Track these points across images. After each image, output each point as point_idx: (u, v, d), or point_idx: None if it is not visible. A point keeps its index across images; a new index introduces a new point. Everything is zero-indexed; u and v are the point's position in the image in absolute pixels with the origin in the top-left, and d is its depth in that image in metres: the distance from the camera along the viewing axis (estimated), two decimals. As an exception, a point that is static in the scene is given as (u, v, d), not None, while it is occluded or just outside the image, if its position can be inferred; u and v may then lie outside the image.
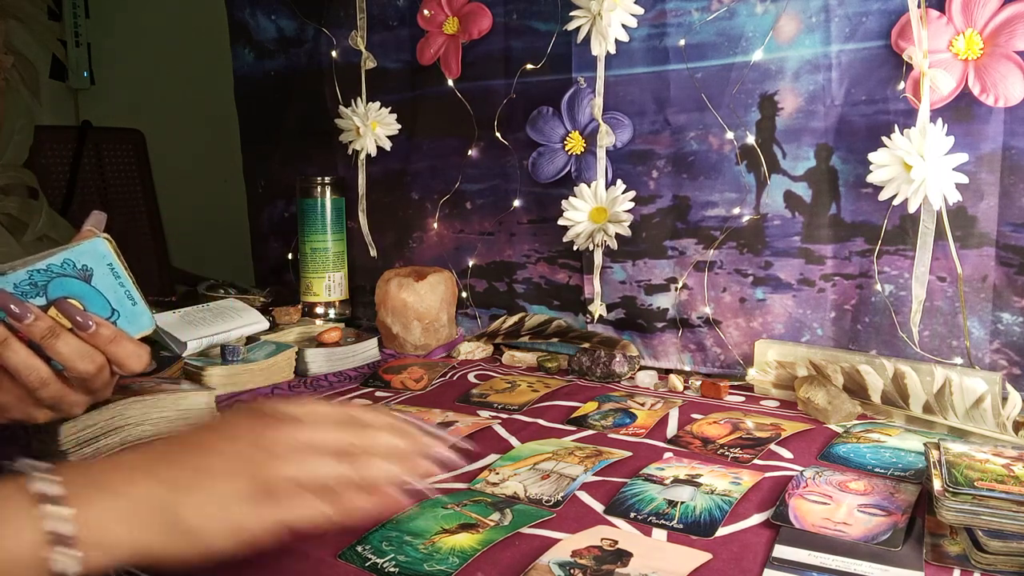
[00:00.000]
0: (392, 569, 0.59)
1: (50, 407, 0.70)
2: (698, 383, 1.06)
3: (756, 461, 0.79)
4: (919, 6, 0.89)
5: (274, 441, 0.53)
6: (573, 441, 0.87)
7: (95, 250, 0.69)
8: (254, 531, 0.51)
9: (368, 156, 1.37)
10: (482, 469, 0.78)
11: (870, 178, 0.93)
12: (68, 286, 0.69)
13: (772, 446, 0.83)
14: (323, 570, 0.61)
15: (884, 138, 0.91)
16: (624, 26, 1.08)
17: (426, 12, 1.27)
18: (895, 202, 0.92)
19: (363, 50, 1.34)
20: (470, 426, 0.90)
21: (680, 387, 1.06)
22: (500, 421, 0.93)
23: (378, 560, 0.60)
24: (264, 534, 0.51)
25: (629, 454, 0.82)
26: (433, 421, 0.91)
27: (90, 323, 0.67)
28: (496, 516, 0.67)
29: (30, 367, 0.66)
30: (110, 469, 0.52)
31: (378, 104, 1.33)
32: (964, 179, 0.89)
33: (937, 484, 0.62)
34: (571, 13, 1.11)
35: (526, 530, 0.65)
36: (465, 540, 0.63)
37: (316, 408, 0.58)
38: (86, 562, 0.46)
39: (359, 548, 0.62)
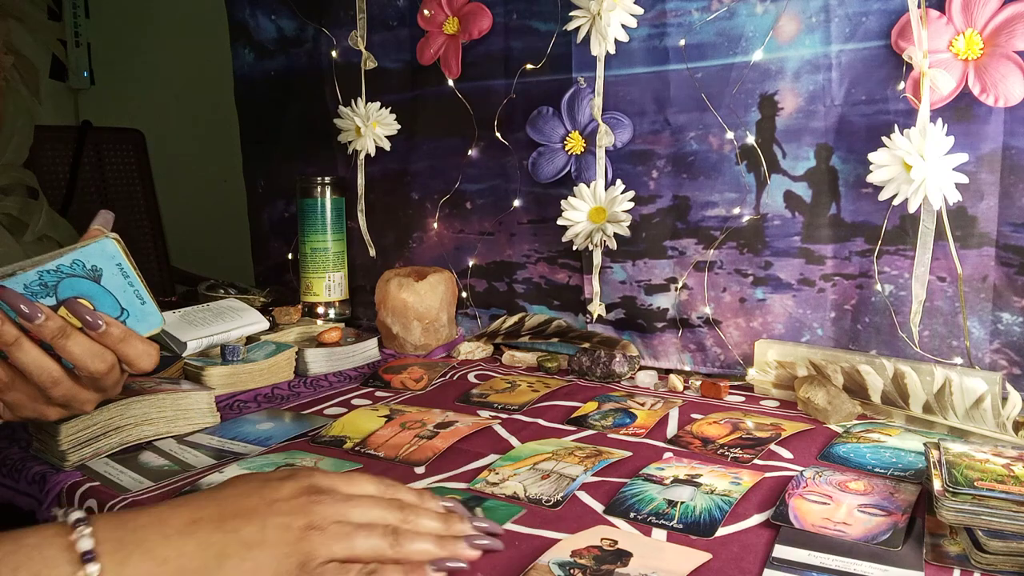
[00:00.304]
0: None
1: (62, 405, 0.71)
2: (698, 383, 1.06)
3: (756, 461, 0.80)
4: (919, 6, 0.89)
5: (323, 517, 0.53)
6: (573, 441, 0.87)
7: (104, 250, 0.69)
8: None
9: (368, 156, 1.37)
10: (481, 469, 0.78)
11: (870, 178, 0.93)
12: (78, 286, 0.69)
13: (772, 446, 0.83)
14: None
15: (884, 138, 0.91)
16: (624, 26, 1.08)
17: (426, 12, 1.27)
18: (895, 202, 0.92)
19: (363, 50, 1.34)
20: (470, 426, 0.90)
21: (680, 387, 1.06)
22: (500, 421, 0.93)
23: None
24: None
25: (629, 454, 0.82)
26: (432, 421, 0.91)
27: (100, 323, 0.68)
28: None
29: (42, 367, 0.66)
30: (152, 527, 0.50)
31: (378, 104, 1.33)
32: (964, 179, 0.89)
33: (937, 484, 0.62)
34: (571, 13, 1.11)
35: (525, 530, 0.65)
36: None
37: (364, 485, 0.58)
38: None
39: None
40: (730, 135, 1.05)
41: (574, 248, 1.17)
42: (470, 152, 1.28)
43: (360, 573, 0.52)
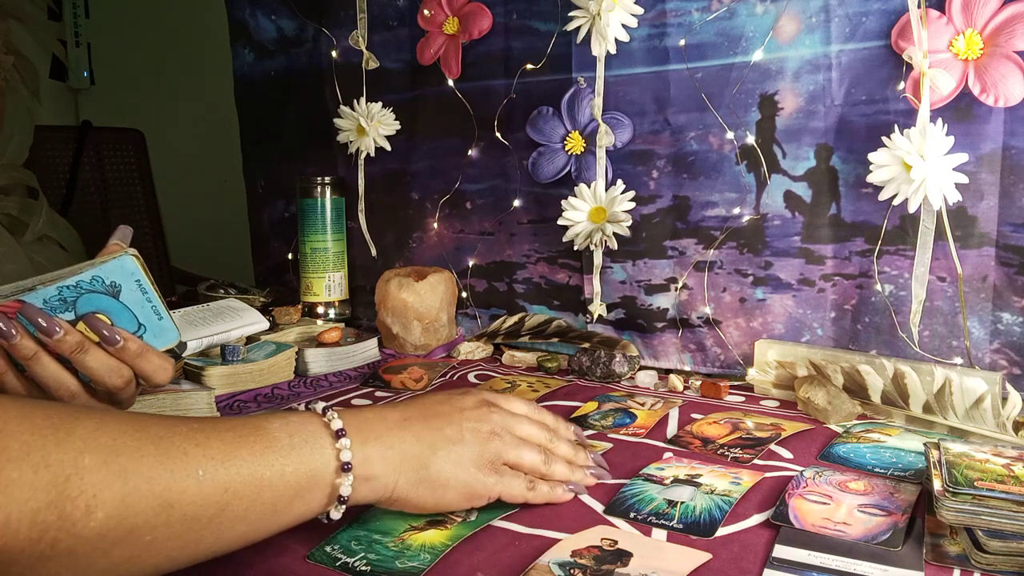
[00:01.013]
0: (364, 568, 0.59)
1: None
2: (698, 383, 1.06)
3: (756, 461, 0.79)
4: (919, 6, 0.89)
5: (501, 426, 0.66)
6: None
7: (123, 267, 0.70)
8: (480, 493, 0.64)
9: (368, 156, 1.38)
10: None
11: (870, 178, 0.93)
12: (96, 302, 0.70)
13: (772, 446, 0.83)
14: (292, 571, 0.61)
15: (884, 138, 0.91)
16: (624, 26, 1.08)
17: (426, 12, 1.27)
18: (895, 202, 0.92)
19: (364, 50, 1.34)
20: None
21: (680, 387, 1.06)
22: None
23: (348, 559, 0.61)
24: (483, 499, 0.64)
25: (610, 446, 0.83)
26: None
27: (117, 338, 0.68)
28: (462, 512, 0.67)
29: (60, 381, 0.67)
30: (376, 420, 0.61)
31: (378, 104, 1.33)
32: (964, 179, 0.89)
33: (937, 484, 0.62)
34: (571, 13, 1.11)
35: (525, 530, 0.65)
36: (435, 536, 0.63)
37: (518, 405, 0.71)
38: (356, 491, 0.58)
39: (328, 548, 0.62)
40: (730, 135, 1.05)
41: (574, 248, 1.17)
42: (470, 152, 1.28)
43: (526, 480, 0.66)
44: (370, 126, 1.34)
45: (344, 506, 0.58)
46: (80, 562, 0.44)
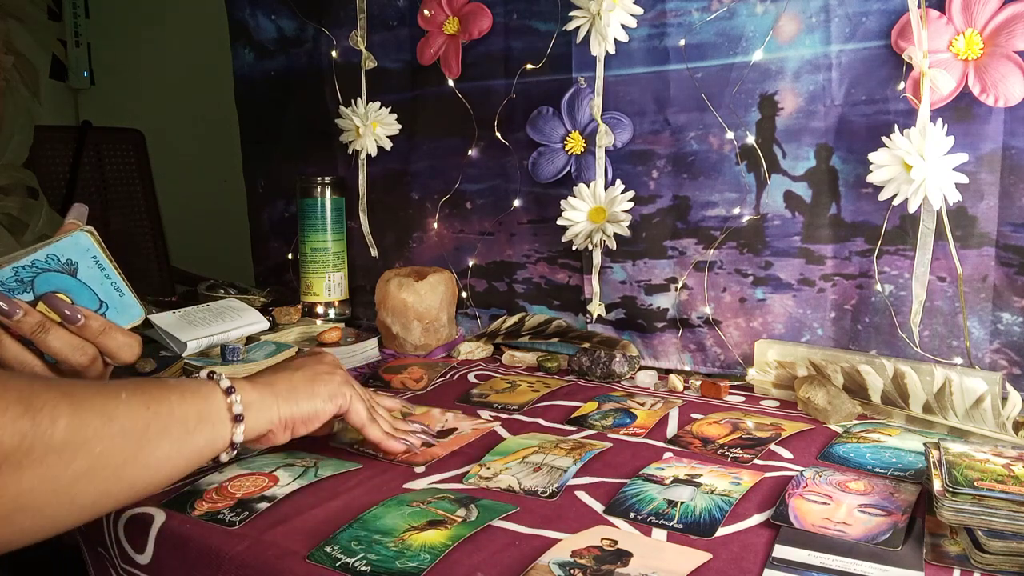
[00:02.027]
0: (364, 568, 0.59)
1: None
2: (698, 383, 1.06)
3: (756, 461, 0.80)
4: (919, 6, 0.89)
5: (346, 381, 0.79)
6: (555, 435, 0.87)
7: (77, 244, 0.70)
8: (341, 393, 0.77)
9: (368, 156, 1.37)
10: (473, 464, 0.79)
11: (870, 178, 0.93)
12: (54, 281, 0.70)
13: (772, 446, 0.83)
14: (292, 571, 0.61)
15: (884, 138, 0.91)
16: (624, 26, 1.08)
17: (426, 12, 1.27)
18: (895, 202, 0.92)
19: (363, 50, 1.34)
20: (471, 433, 0.90)
21: (680, 387, 1.06)
22: (500, 421, 0.93)
23: (348, 560, 0.61)
24: (343, 398, 0.77)
25: (609, 445, 0.84)
26: (434, 425, 0.92)
27: (79, 316, 0.69)
28: (462, 512, 0.68)
29: (23, 362, 0.67)
30: (248, 378, 0.73)
31: (378, 104, 1.33)
32: (964, 179, 0.89)
33: (937, 484, 0.62)
34: (571, 13, 1.11)
35: (525, 530, 0.65)
36: (435, 536, 0.63)
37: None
38: (248, 413, 0.68)
39: (328, 548, 0.63)
40: (730, 135, 1.05)
41: (574, 248, 1.17)
42: (470, 152, 1.28)
43: (369, 415, 0.80)
44: (370, 126, 1.33)
45: (241, 425, 0.66)
46: (48, 473, 0.52)
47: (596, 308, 1.18)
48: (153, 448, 0.59)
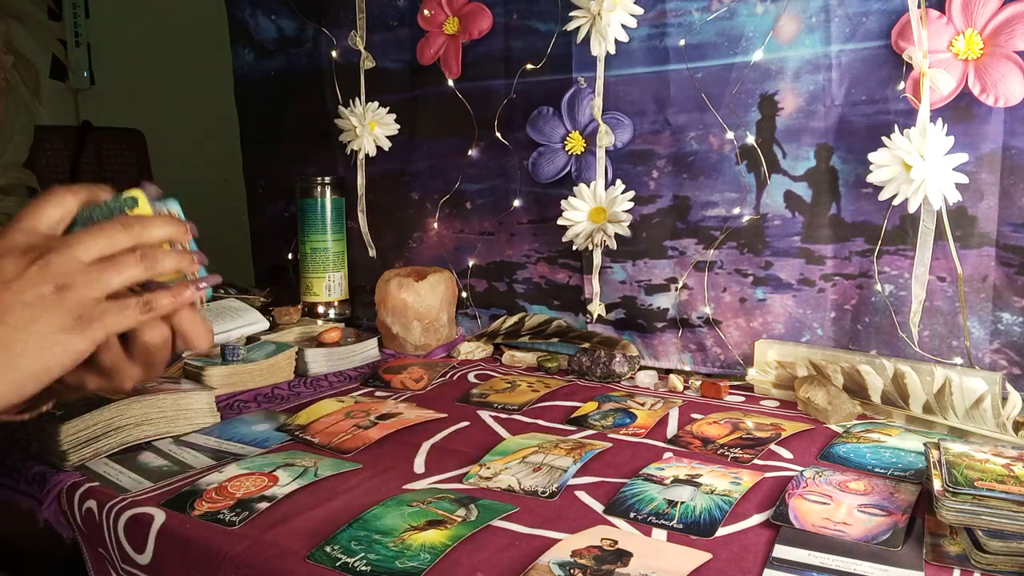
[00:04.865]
0: (364, 568, 0.60)
1: (105, 375, 0.64)
2: (698, 383, 1.06)
3: (756, 461, 0.79)
4: (919, 6, 0.89)
5: (64, 271, 0.54)
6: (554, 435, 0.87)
7: (168, 207, 0.65)
8: (84, 351, 0.54)
9: (368, 156, 1.37)
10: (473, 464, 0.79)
11: (870, 178, 0.93)
12: None
13: (772, 446, 0.83)
14: (292, 571, 0.61)
15: (884, 138, 0.91)
16: (624, 26, 1.08)
17: (426, 12, 1.27)
18: (895, 202, 0.92)
19: (362, 50, 1.34)
20: (415, 418, 0.90)
21: (680, 387, 1.06)
22: (500, 421, 0.93)
23: (348, 560, 0.61)
24: (89, 347, 0.55)
25: (609, 445, 0.84)
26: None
27: (189, 232, 0.61)
28: (462, 512, 0.68)
29: (120, 367, 0.61)
30: None
31: (377, 104, 1.33)
32: (964, 179, 0.89)
33: (937, 484, 0.62)
34: (571, 13, 1.11)
35: (525, 530, 0.65)
36: (435, 536, 0.63)
37: (85, 236, 0.57)
38: None
39: (328, 548, 0.63)
40: (730, 135, 1.05)
41: (574, 248, 1.17)
42: (470, 152, 1.28)
43: (139, 306, 0.56)
44: (369, 126, 1.33)
45: None
46: None
47: (596, 308, 1.18)
48: None
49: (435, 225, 1.34)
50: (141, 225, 0.58)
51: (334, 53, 1.38)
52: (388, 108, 1.34)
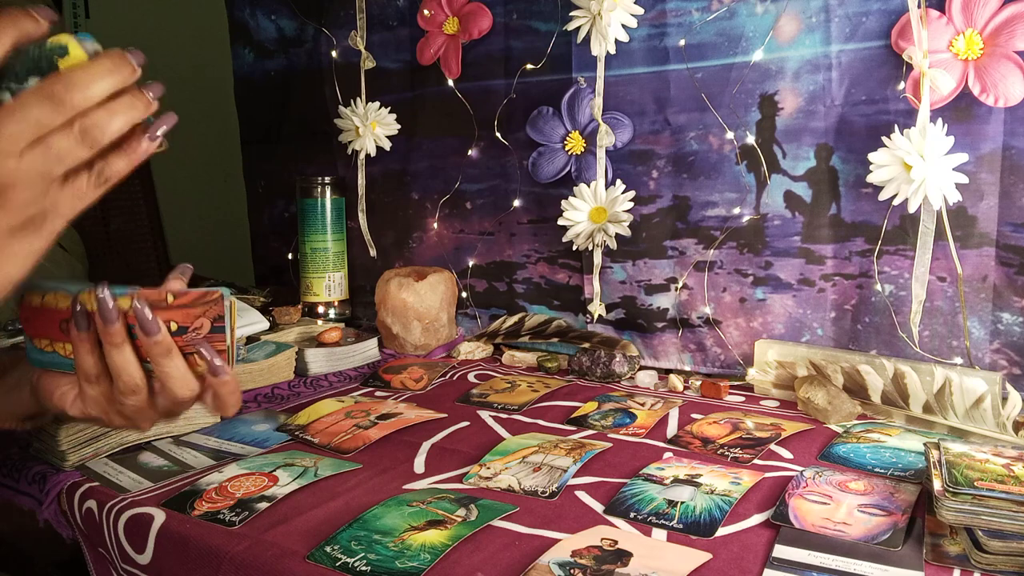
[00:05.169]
0: (364, 568, 0.60)
1: (127, 416, 0.66)
2: (698, 383, 1.06)
3: (756, 461, 0.79)
4: (919, 6, 0.89)
5: None
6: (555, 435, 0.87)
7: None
8: (36, 254, 0.51)
9: (368, 156, 1.37)
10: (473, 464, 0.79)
11: (870, 178, 0.93)
12: None
13: (772, 446, 0.83)
14: (292, 571, 0.61)
15: (884, 138, 0.91)
16: (624, 26, 1.08)
17: (426, 12, 1.27)
18: (895, 202, 0.92)
19: (363, 50, 1.34)
20: (414, 418, 0.90)
21: (680, 387, 1.06)
22: (500, 421, 0.93)
23: (348, 560, 0.61)
24: (43, 251, 0.51)
25: (609, 445, 0.84)
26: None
27: (224, 370, 0.62)
28: (462, 512, 0.68)
29: (131, 373, 0.62)
30: None
31: (378, 104, 1.33)
32: (964, 179, 0.89)
33: (937, 484, 0.62)
34: (571, 13, 1.11)
35: (525, 530, 0.65)
36: (435, 536, 0.63)
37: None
38: None
39: (328, 548, 0.63)
40: (730, 135, 1.05)
41: (574, 248, 1.17)
42: (470, 152, 1.28)
43: (92, 181, 0.51)
44: (369, 126, 1.33)
45: None
46: None
47: (596, 308, 1.18)
48: None
49: (435, 225, 1.34)
50: (75, 88, 0.49)
51: (334, 53, 1.38)
52: (389, 108, 1.34)
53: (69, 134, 0.49)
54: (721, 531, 0.65)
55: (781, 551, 0.61)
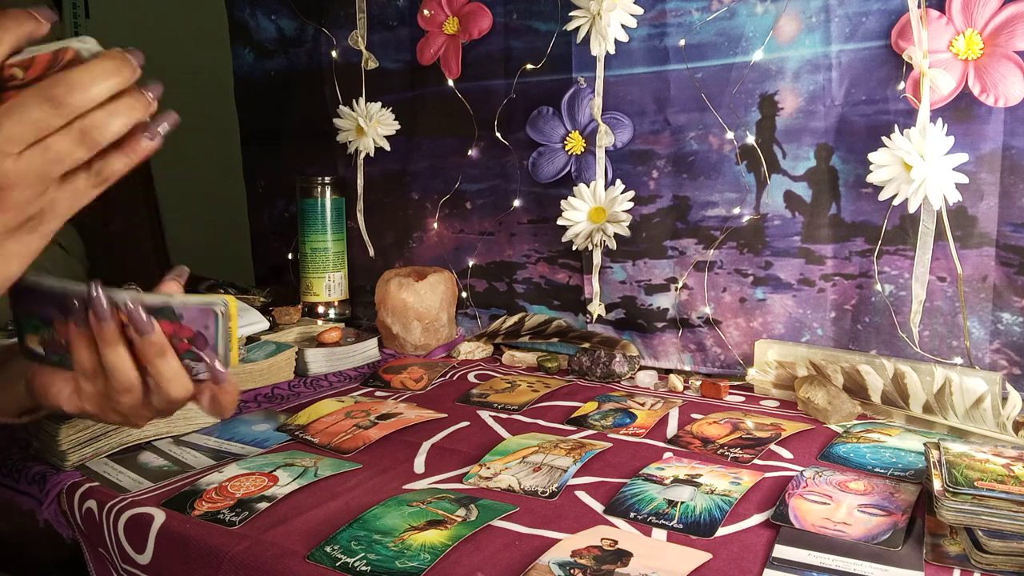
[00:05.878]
0: (364, 568, 0.60)
1: (122, 413, 0.66)
2: (698, 383, 1.06)
3: (756, 461, 0.79)
4: (919, 6, 0.89)
5: None
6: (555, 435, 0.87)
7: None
8: (33, 253, 0.51)
9: (368, 156, 1.37)
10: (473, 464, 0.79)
11: (870, 178, 0.93)
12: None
13: (772, 446, 0.83)
14: (292, 571, 0.61)
15: (884, 138, 0.91)
16: (624, 26, 1.08)
17: (426, 12, 1.27)
18: (895, 202, 0.92)
19: (363, 50, 1.34)
20: (414, 418, 0.90)
21: (680, 387, 1.06)
22: (500, 421, 0.93)
23: (348, 560, 0.61)
24: (39, 250, 0.51)
25: (609, 445, 0.84)
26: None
27: (221, 372, 0.61)
28: (462, 512, 0.68)
29: (125, 372, 0.62)
30: None
31: (378, 104, 1.33)
32: (964, 179, 0.89)
33: (937, 484, 0.62)
34: (571, 13, 1.11)
35: (525, 530, 0.65)
36: (435, 536, 0.63)
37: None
38: None
39: (328, 548, 0.63)
40: (730, 135, 1.05)
41: (574, 248, 1.17)
42: (470, 152, 1.28)
43: (90, 180, 0.51)
44: (369, 126, 1.33)
45: None
46: None
47: (596, 308, 1.18)
48: None
49: (435, 225, 1.34)
50: (76, 89, 0.48)
51: (334, 53, 1.38)
52: (389, 108, 1.34)
53: (68, 135, 0.49)
54: (721, 531, 0.65)
55: (781, 551, 0.61)
